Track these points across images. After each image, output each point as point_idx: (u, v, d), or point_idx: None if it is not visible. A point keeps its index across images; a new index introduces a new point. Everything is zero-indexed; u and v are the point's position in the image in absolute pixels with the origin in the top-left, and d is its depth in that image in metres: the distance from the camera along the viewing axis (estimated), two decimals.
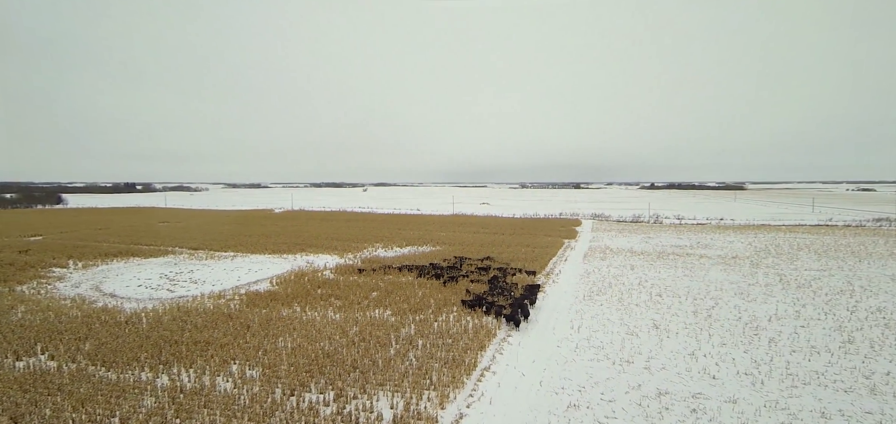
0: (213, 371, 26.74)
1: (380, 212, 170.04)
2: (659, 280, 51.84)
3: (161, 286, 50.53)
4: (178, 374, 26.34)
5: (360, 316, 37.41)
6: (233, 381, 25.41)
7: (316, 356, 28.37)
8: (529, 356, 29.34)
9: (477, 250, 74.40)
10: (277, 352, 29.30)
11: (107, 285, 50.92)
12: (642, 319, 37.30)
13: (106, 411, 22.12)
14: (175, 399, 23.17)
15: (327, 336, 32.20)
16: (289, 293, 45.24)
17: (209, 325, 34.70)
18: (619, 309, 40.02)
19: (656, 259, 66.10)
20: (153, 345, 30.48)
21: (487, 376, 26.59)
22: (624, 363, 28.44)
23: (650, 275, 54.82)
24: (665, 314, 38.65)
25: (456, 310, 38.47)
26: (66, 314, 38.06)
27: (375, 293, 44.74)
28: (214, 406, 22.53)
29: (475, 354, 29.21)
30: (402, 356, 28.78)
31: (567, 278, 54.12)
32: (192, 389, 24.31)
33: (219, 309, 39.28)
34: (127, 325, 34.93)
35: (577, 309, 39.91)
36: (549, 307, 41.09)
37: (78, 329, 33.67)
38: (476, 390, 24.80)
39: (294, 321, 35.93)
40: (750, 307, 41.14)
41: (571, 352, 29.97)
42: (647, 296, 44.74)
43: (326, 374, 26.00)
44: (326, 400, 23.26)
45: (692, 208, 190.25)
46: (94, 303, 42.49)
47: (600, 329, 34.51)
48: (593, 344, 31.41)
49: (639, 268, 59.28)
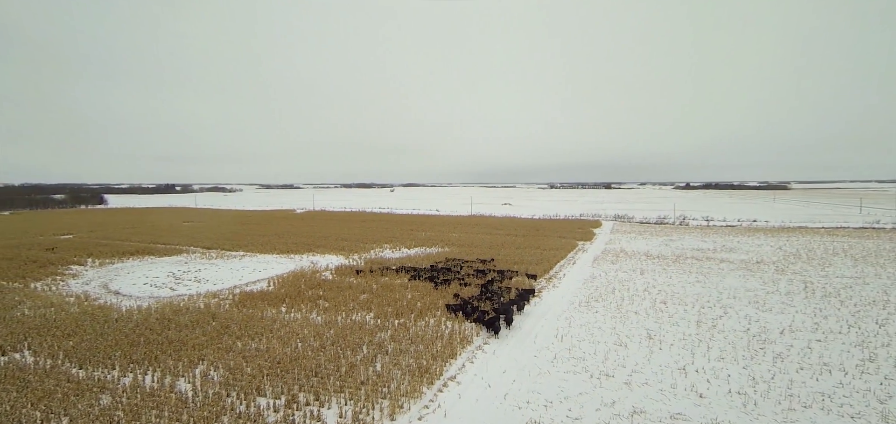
0: (178, 372, 26.68)
1: (398, 212, 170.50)
2: (667, 286, 48.69)
3: (165, 285, 51.79)
4: (144, 374, 26.41)
5: (341, 319, 36.79)
6: (193, 383, 25.20)
7: (281, 359, 27.86)
8: (501, 366, 27.75)
9: (483, 251, 72.74)
10: (247, 354, 29.00)
11: (115, 282, 52.69)
12: (637, 328, 34.83)
13: (61, 408, 22.26)
14: (130, 400, 23.11)
15: (301, 339, 31.72)
16: (281, 293, 45.26)
17: (192, 325, 34.94)
18: (614, 317, 37.63)
19: (671, 263, 62.43)
20: (131, 344, 30.87)
21: (451, 386, 25.24)
22: (603, 376, 26.39)
23: (659, 281, 51.64)
24: (664, 324, 35.99)
25: (439, 314, 37.21)
26: (65, 310, 39.37)
27: (365, 296, 44.09)
28: (165, 408, 22.28)
29: (444, 362, 27.91)
30: (369, 361, 27.84)
31: (569, 282, 51.76)
32: (151, 390, 24.23)
33: (208, 309, 39.63)
34: (116, 323, 35.68)
35: (568, 316, 37.79)
36: (538, 313, 39.15)
37: (68, 326, 34.64)
38: (434, 400, 23.52)
39: (275, 322, 35.70)
40: (763, 318, 37.79)
41: (548, 363, 28.14)
42: (650, 303, 41.97)
43: (286, 378, 25.39)
44: (276, 407, 22.59)
45: (725, 208, 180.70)
46: (96, 300, 43.87)
47: (586, 339, 32.39)
48: (574, 355, 29.43)
49: (649, 273, 56.06)
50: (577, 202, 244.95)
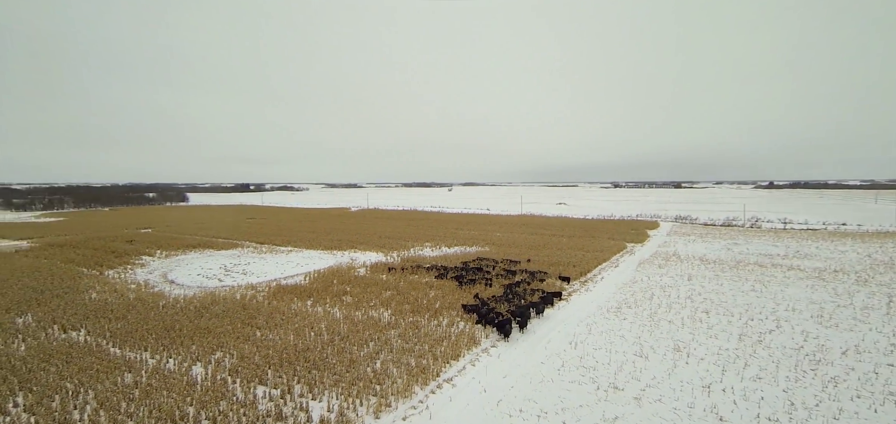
0: (197, 357, 28.57)
1: (448, 211, 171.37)
2: (715, 294, 44.14)
3: (214, 276, 55.99)
4: (168, 358, 28.59)
5: (360, 314, 37.43)
6: (206, 369, 26.84)
7: (290, 351, 28.84)
8: (503, 371, 26.62)
9: (522, 251, 70.78)
10: (262, 343, 30.40)
11: (173, 273, 57.90)
12: (665, 339, 31.85)
13: (91, 382, 24.72)
14: (148, 380, 25.10)
15: (316, 332, 32.69)
16: (313, 287, 47.04)
17: (223, 314, 37.35)
18: (643, 326, 34.73)
19: (728, 269, 56.61)
20: (166, 329, 33.62)
21: (445, 388, 24.63)
22: (611, 389, 24.37)
23: (708, 288, 46.97)
24: (699, 336, 32.59)
25: (454, 314, 36.62)
26: (123, 296, 43.87)
27: (389, 293, 44.55)
28: (174, 390, 23.91)
29: (445, 363, 27.34)
30: (372, 357, 28.00)
31: (604, 286, 48.70)
32: (168, 372, 26.17)
33: (242, 300, 42.17)
34: (161, 309, 39.09)
35: (591, 322, 35.47)
36: (560, 317, 37.17)
37: (120, 310, 38.53)
38: (424, 402, 23.07)
39: (297, 315, 37.12)
40: (824, 335, 32.96)
41: (554, 371, 26.53)
42: (690, 312, 38.26)
43: (288, 369, 26.24)
44: (271, 396, 23.39)
45: (811, 209, 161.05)
46: (152, 288, 48.41)
47: (604, 347, 30.16)
48: (585, 364, 27.49)
49: (698, 279, 51.21)
50: (638, 202, 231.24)
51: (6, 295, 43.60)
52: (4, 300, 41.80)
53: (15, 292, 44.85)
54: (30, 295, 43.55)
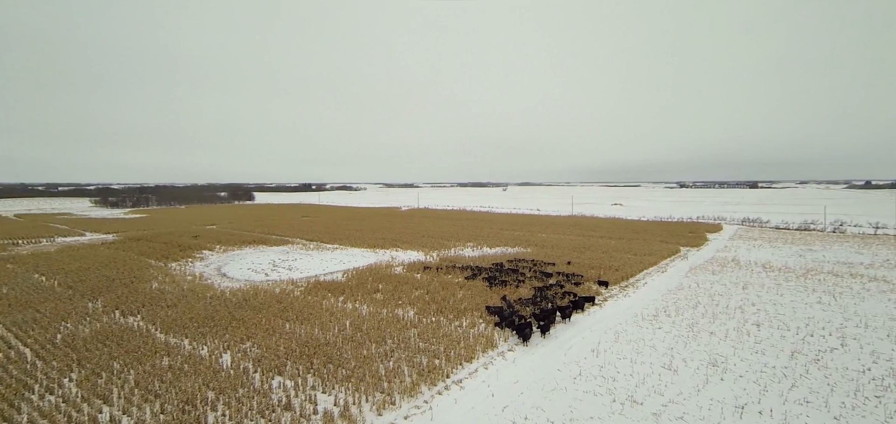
0: (228, 346, 30.51)
1: (497, 212, 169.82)
2: (772, 306, 39.88)
3: (262, 271, 59.61)
4: (202, 345, 30.81)
5: (386, 312, 38.07)
6: (233, 357, 28.60)
7: (312, 344, 29.96)
8: (515, 376, 25.81)
9: (563, 253, 68.47)
10: (288, 336, 31.87)
11: (226, 267, 62.39)
12: (701, 352, 29.25)
13: (133, 362, 27.27)
14: (181, 365, 27.23)
15: (340, 327, 33.71)
16: (348, 284, 48.58)
17: (260, 306, 39.65)
18: (679, 336, 32.15)
19: (794, 278, 50.91)
20: (207, 318, 36.30)
21: (452, 390, 24.34)
22: (629, 402, 22.79)
23: (764, 298, 42.55)
24: (743, 350, 29.59)
25: (477, 315, 36.13)
26: (179, 287, 47.95)
27: (418, 292, 44.92)
28: (202, 375, 25.73)
29: (457, 364, 27.07)
30: (387, 355, 28.37)
31: (646, 292, 45.73)
32: (200, 358, 28.22)
33: (282, 293, 44.49)
34: (209, 300, 42.24)
35: (620, 330, 33.40)
36: (588, 323, 35.38)
37: (172, 300, 42.15)
38: (429, 402, 22.97)
39: (326, 310, 38.52)
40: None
41: (569, 379, 25.29)
42: (737, 324, 34.87)
43: (306, 362, 27.27)
44: (285, 387, 24.43)
45: None
46: (206, 281, 52.46)
47: (629, 357, 28.27)
48: (605, 374, 25.94)
49: (754, 288, 46.53)
50: (702, 203, 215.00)
51: (85, 282, 49.31)
52: (82, 287, 47.28)
53: (92, 280, 50.59)
54: (104, 283, 48.91)
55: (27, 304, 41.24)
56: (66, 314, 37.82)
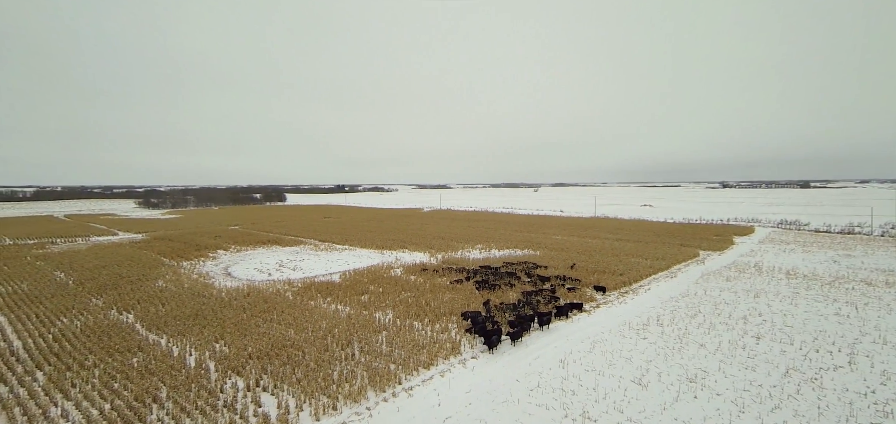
0: (199, 345, 31.04)
1: (518, 212, 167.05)
2: (781, 316, 36.56)
3: (266, 271, 60.89)
4: (176, 343, 31.50)
5: (366, 314, 37.78)
6: (200, 356, 29.04)
7: (277, 346, 30.01)
8: (469, 386, 24.70)
9: (571, 256, 66.11)
10: (260, 335, 32.13)
11: (234, 267, 64.15)
12: (682, 366, 27.02)
13: (105, 358, 28.20)
14: (148, 363, 27.92)
15: (313, 329, 33.64)
16: (341, 286, 48.76)
17: (246, 306, 40.36)
18: (663, 348, 29.91)
19: (817, 287, 46.64)
20: (191, 316, 37.26)
21: (401, 396, 23.59)
22: (582, 418, 21.23)
23: (775, 308, 39.11)
24: (730, 365, 27.12)
25: (455, 320, 35.16)
26: (180, 286, 49.63)
27: (407, 294, 44.43)
28: (164, 373, 26.26)
29: (413, 371, 26.31)
30: (347, 358, 27.97)
31: (645, 299, 43.13)
32: (170, 356, 28.83)
33: (273, 294, 45.18)
34: (200, 299, 43.41)
35: (599, 340, 31.46)
36: (567, 331, 33.58)
37: (168, 298, 43.62)
38: (371, 409, 22.36)
39: (307, 311, 38.69)
40: None
41: (524, 391, 23.93)
42: (734, 336, 32.11)
43: (265, 362, 27.33)
44: (238, 387, 24.48)
45: None
46: (209, 280, 54.05)
47: (599, 370, 26.47)
48: (565, 387, 24.37)
49: (767, 296, 42.92)
50: (742, 204, 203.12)
51: (95, 279, 51.98)
52: (92, 284, 49.84)
53: (103, 277, 53.28)
54: (113, 281, 51.38)
55: (38, 299, 43.83)
56: (67, 310, 39.87)
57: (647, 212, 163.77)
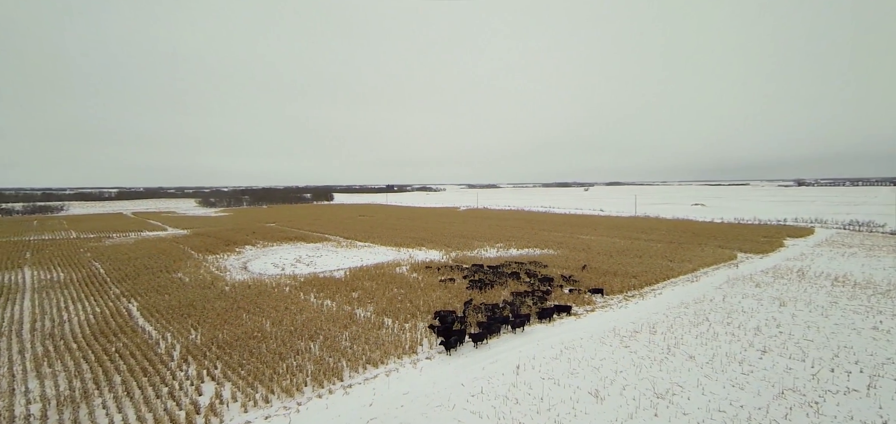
0: (182, 335, 32.37)
1: (554, 212, 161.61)
2: (804, 329, 31.86)
3: (280, 266, 62.88)
4: (164, 333, 32.92)
5: (347, 309, 37.70)
6: (170, 343, 30.20)
7: (245, 336, 30.57)
8: (408, 388, 23.56)
9: (589, 257, 62.66)
10: (237, 326, 32.99)
11: (253, 262, 66.87)
12: (653, 380, 24.13)
13: (90, 343, 29.99)
14: (130, 348, 29.47)
15: (288, 322, 33.98)
16: (340, 281, 49.27)
17: (241, 299, 41.79)
18: (643, 358, 26.96)
19: (868, 297, 40.39)
20: (187, 306, 39.10)
21: (337, 394, 23.04)
22: None
23: (800, 318, 34.20)
24: (714, 382, 23.85)
25: (429, 319, 34.05)
26: (195, 278, 52.38)
27: (397, 290, 44.00)
28: (137, 358, 27.50)
29: (359, 369, 25.70)
30: (302, 352, 27.85)
31: (650, 304, 39.48)
32: (150, 343, 30.18)
33: (274, 288, 46.42)
34: (205, 291, 45.40)
35: (573, 346, 28.94)
36: (543, 335, 31.26)
37: (176, 289, 46.17)
38: (301, 404, 22.01)
39: (293, 304, 39.26)
40: None
41: (466, 398, 22.37)
42: (735, 349, 28.34)
43: (231, 351, 27.99)
44: (190, 375, 25.12)
45: None
46: (224, 273, 56.66)
47: (556, 379, 24.25)
48: (511, 395, 22.50)
49: (795, 305, 37.70)
50: (813, 203, 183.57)
51: (123, 269, 56.18)
52: (118, 273, 53.94)
53: (131, 268, 57.45)
54: (137, 272, 55.25)
55: (63, 287, 47.93)
56: (83, 298, 43.23)
57: (696, 212, 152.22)
